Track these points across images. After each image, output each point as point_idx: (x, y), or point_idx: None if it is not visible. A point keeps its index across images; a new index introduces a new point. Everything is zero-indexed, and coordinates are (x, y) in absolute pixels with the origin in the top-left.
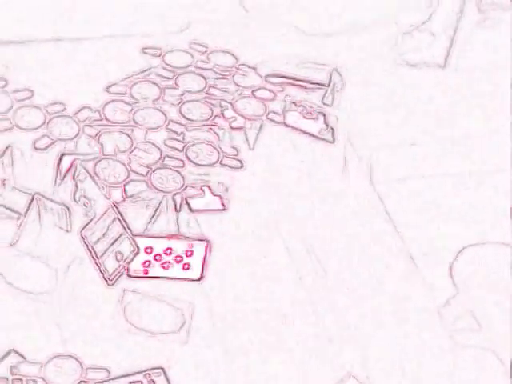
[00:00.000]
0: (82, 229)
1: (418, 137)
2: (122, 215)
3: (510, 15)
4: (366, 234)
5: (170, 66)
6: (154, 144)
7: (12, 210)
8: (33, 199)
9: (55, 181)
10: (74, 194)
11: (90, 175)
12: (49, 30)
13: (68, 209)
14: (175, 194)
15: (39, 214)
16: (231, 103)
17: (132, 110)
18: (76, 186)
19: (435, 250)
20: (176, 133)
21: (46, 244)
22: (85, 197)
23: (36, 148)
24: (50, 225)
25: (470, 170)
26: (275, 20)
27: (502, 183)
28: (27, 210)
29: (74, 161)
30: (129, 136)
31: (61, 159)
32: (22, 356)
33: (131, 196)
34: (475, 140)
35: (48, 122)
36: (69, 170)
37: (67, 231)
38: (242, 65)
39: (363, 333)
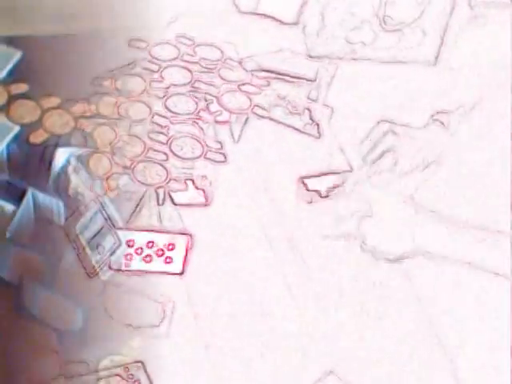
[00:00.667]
0: (65, 221)
1: None
2: (104, 208)
3: (508, 13)
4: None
5: (156, 58)
6: (137, 137)
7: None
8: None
9: (48, 174)
10: (67, 188)
11: (82, 169)
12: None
13: (61, 202)
14: (158, 188)
15: (32, 207)
16: (217, 97)
17: (116, 102)
18: (68, 179)
19: None
20: (160, 126)
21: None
22: (77, 190)
23: (30, 142)
24: (41, 218)
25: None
26: (262, 14)
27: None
28: (20, 203)
29: (66, 154)
30: (113, 129)
31: (53, 153)
32: None
33: (114, 189)
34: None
35: (42, 116)
36: (60, 163)
37: (57, 224)
38: (228, 59)
39: (346, 330)
